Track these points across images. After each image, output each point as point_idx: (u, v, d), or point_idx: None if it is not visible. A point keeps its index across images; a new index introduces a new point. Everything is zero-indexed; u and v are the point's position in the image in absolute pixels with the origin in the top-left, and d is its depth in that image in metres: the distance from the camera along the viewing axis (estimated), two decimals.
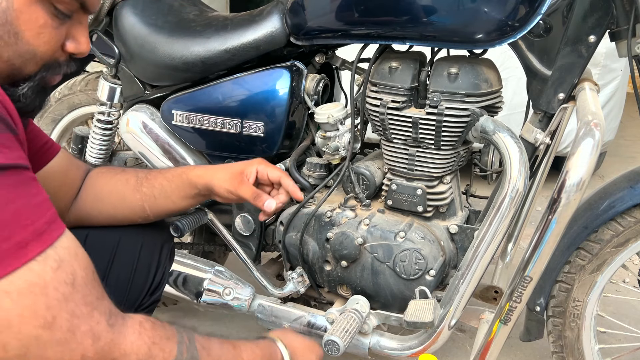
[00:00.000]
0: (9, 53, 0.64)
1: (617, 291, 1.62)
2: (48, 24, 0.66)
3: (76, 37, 0.71)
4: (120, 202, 1.00)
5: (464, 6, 0.95)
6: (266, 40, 1.16)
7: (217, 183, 1.00)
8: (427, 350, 1.08)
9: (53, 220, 0.57)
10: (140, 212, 1.01)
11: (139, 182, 1.01)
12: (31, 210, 0.55)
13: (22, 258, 0.53)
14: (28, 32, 0.64)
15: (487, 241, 0.97)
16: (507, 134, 0.97)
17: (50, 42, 0.67)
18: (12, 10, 0.62)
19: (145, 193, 1.01)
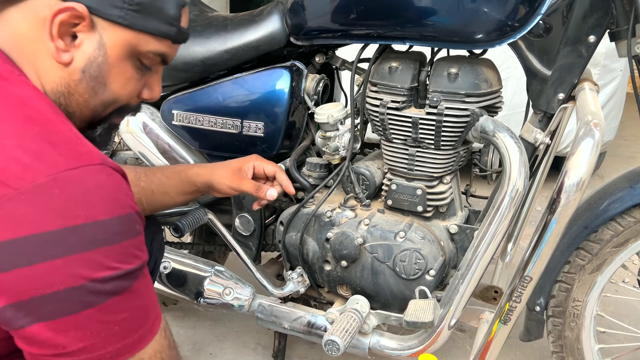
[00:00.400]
0: (96, 102, 0.71)
1: (616, 291, 1.62)
2: (133, 77, 0.73)
3: (152, 86, 0.78)
4: None
5: (464, 6, 0.95)
6: (266, 40, 1.16)
7: (218, 180, 1.06)
8: (427, 350, 1.08)
9: (159, 313, 0.69)
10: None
11: (137, 176, 1.05)
12: (154, 295, 0.68)
13: (154, 333, 0.66)
14: (115, 84, 0.71)
15: (487, 241, 0.97)
16: (507, 134, 0.97)
17: (132, 92, 0.74)
18: (106, 64, 0.69)
19: (143, 187, 1.04)
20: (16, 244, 0.55)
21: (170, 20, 0.72)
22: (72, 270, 0.57)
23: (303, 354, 1.51)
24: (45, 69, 0.66)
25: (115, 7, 0.66)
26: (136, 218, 0.63)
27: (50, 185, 0.56)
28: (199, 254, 1.49)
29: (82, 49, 0.67)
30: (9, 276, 0.55)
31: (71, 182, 0.57)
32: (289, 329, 1.21)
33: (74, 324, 0.58)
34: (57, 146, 0.59)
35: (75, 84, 0.68)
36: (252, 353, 1.52)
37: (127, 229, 0.61)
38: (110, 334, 0.60)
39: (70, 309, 0.57)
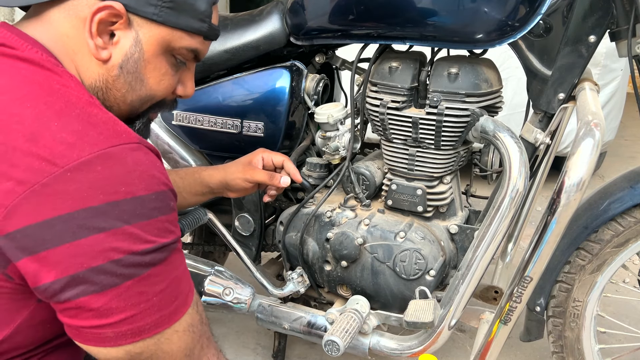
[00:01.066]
0: (133, 97, 0.74)
1: (617, 291, 1.62)
2: (168, 72, 0.76)
3: (185, 82, 0.82)
4: None
5: (464, 6, 0.95)
6: (266, 40, 1.16)
7: (232, 177, 1.08)
8: (427, 350, 1.08)
9: (191, 287, 0.71)
10: None
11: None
12: (186, 270, 0.70)
13: (187, 306, 0.69)
14: (152, 80, 0.74)
15: (487, 241, 0.97)
16: (507, 134, 0.97)
17: (167, 88, 0.77)
18: (142, 60, 0.72)
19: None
20: (63, 220, 0.57)
21: (202, 16, 0.75)
22: (114, 243, 0.59)
23: (303, 354, 1.51)
24: (84, 66, 0.70)
25: (150, 5, 0.69)
26: (170, 195, 0.66)
27: (94, 162, 0.59)
28: (199, 254, 1.49)
29: (119, 46, 0.70)
30: (57, 251, 0.58)
31: (112, 159, 0.60)
32: (289, 329, 1.21)
33: (116, 295, 0.61)
34: (97, 126, 0.61)
35: (113, 80, 0.71)
36: (252, 353, 1.52)
37: (162, 205, 0.64)
38: (149, 306, 0.63)
39: (112, 281, 0.60)
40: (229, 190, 1.11)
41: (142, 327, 0.64)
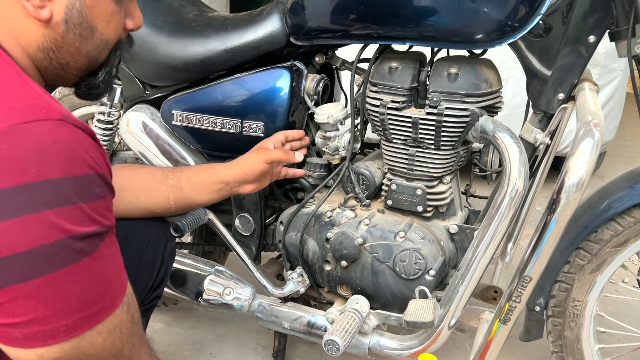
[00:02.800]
0: (88, 47, 0.70)
1: (616, 291, 1.62)
2: (114, 10, 0.72)
3: (132, 14, 0.78)
4: (145, 192, 1.03)
5: (464, 6, 0.95)
6: (266, 40, 1.16)
7: (248, 162, 1.09)
8: (427, 350, 1.08)
9: (125, 275, 0.67)
10: (163, 204, 1.05)
11: (164, 174, 1.06)
12: (120, 267, 0.65)
13: (115, 307, 0.63)
14: (101, 24, 0.70)
15: (486, 241, 0.97)
16: (506, 134, 0.97)
17: (117, 27, 0.74)
18: (85, 7, 0.68)
19: (171, 185, 1.05)
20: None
21: None
22: (22, 233, 0.53)
23: (303, 354, 1.51)
24: (24, 32, 0.65)
25: None
26: (97, 180, 0.59)
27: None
28: (199, 254, 1.49)
29: (57, 1, 0.66)
30: None
31: (22, 136, 0.53)
32: (289, 329, 1.21)
33: (25, 292, 0.54)
34: (9, 101, 0.56)
35: (62, 37, 0.67)
36: (252, 353, 1.52)
37: (84, 191, 0.57)
38: (66, 306, 0.56)
39: (20, 276, 0.53)
40: (246, 182, 1.09)
41: (57, 330, 0.57)
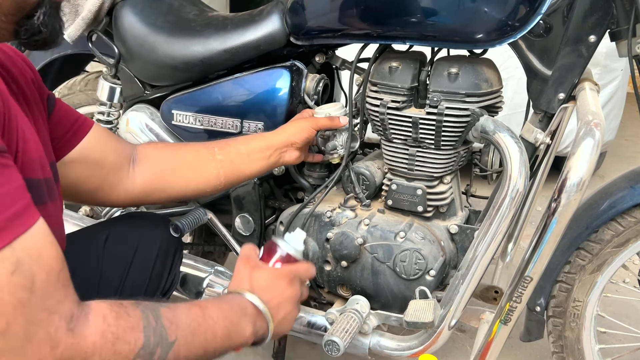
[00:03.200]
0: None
1: (617, 291, 1.62)
2: None
3: None
4: (193, 173, 1.03)
5: (464, 6, 0.95)
6: (266, 40, 1.16)
7: (297, 129, 1.09)
8: (427, 350, 1.08)
9: (19, 213, 0.52)
10: (214, 181, 1.04)
11: (210, 151, 1.05)
12: (15, 187, 0.52)
13: (24, 226, 0.51)
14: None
15: (487, 241, 0.97)
16: (507, 134, 0.97)
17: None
18: None
19: (221, 160, 1.04)
20: None
21: None
22: None
23: (303, 354, 1.51)
24: None
25: None
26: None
27: None
28: (199, 254, 1.49)
29: None
30: None
31: None
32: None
33: None
34: None
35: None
36: (252, 353, 1.52)
37: None
38: None
39: None
40: (293, 148, 1.09)
41: None
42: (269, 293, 0.83)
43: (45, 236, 0.55)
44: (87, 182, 0.94)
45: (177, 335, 0.66)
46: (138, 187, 1.00)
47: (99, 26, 1.29)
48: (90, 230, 1.07)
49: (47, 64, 1.47)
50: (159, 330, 0.63)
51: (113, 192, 0.97)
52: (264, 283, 0.84)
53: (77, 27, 1.25)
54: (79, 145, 0.90)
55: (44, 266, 0.54)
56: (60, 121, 0.87)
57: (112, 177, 0.96)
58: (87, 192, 0.95)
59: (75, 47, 1.37)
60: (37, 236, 0.54)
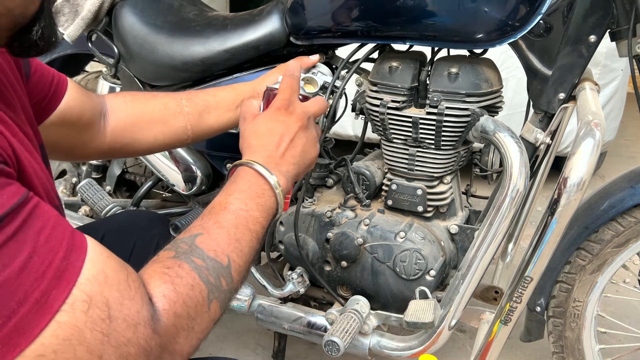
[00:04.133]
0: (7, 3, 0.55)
1: (617, 291, 1.62)
2: None
3: None
4: (160, 127, 1.01)
5: (465, 6, 0.95)
6: (266, 40, 1.16)
7: (270, 78, 1.04)
8: (427, 350, 1.08)
9: (70, 247, 0.50)
10: (182, 135, 1.02)
11: (178, 103, 1.02)
12: (43, 253, 0.48)
13: (47, 314, 0.46)
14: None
15: (487, 241, 0.97)
16: (507, 134, 0.97)
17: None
18: None
19: (188, 113, 1.02)
20: None
21: None
22: None
23: (303, 355, 1.51)
24: None
25: None
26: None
27: None
28: None
29: None
30: None
31: None
32: (289, 329, 1.21)
33: None
34: None
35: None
36: (252, 353, 1.52)
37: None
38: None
39: None
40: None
41: None
42: (272, 137, 0.77)
43: (101, 253, 0.53)
44: (63, 142, 0.92)
45: (227, 255, 0.64)
46: (107, 143, 0.98)
47: (99, 26, 1.29)
48: (87, 229, 1.06)
49: (47, 63, 1.46)
50: (211, 265, 0.61)
51: (85, 148, 0.96)
52: (265, 128, 0.78)
53: (76, 27, 1.25)
54: (58, 107, 0.88)
55: (114, 284, 0.52)
56: (38, 83, 0.83)
57: (86, 134, 0.95)
58: (62, 150, 0.94)
59: (75, 47, 1.37)
60: (95, 258, 0.52)
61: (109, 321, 0.50)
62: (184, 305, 0.57)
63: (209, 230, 0.65)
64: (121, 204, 1.41)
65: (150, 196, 1.60)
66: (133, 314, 0.52)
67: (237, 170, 0.74)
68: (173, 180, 1.36)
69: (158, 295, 0.56)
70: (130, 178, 1.62)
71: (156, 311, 0.55)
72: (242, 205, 0.69)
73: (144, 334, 0.52)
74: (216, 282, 0.61)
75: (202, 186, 1.33)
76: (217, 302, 0.61)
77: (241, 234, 0.67)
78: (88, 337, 0.48)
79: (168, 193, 1.63)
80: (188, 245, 0.62)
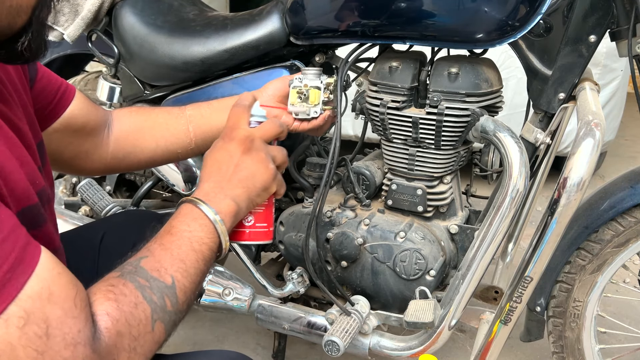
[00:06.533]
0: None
1: (617, 291, 1.62)
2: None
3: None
4: (162, 131, 1.00)
5: (465, 6, 0.95)
6: (266, 40, 1.16)
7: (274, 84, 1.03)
8: (427, 350, 1.08)
9: (19, 260, 0.49)
10: (184, 138, 1.01)
11: (181, 109, 1.02)
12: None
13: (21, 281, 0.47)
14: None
15: (487, 241, 0.97)
16: (507, 133, 0.97)
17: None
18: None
19: (190, 115, 1.01)
20: None
21: None
22: None
23: (303, 355, 1.51)
24: None
25: None
26: None
27: None
28: None
29: None
30: None
31: None
32: (289, 329, 1.21)
33: None
34: None
35: None
36: (252, 353, 1.52)
37: None
38: None
39: None
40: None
41: None
42: (217, 164, 0.78)
43: (52, 269, 0.52)
44: (66, 150, 0.92)
45: (170, 274, 0.64)
46: (110, 153, 0.98)
47: (99, 26, 1.29)
48: (87, 228, 1.06)
49: (47, 63, 1.47)
50: (155, 285, 0.61)
51: (88, 159, 0.96)
52: (212, 157, 0.79)
53: (76, 27, 1.25)
54: (62, 115, 0.88)
55: (58, 302, 0.51)
56: (44, 89, 0.84)
57: (89, 144, 0.95)
58: (65, 160, 0.94)
59: (75, 47, 1.37)
60: (43, 274, 0.51)
61: (46, 339, 0.49)
62: (126, 324, 0.57)
63: (153, 252, 0.66)
64: (121, 204, 1.41)
65: (150, 196, 1.60)
66: (74, 332, 0.51)
67: (180, 206, 0.75)
68: (173, 180, 1.36)
69: (101, 313, 0.56)
70: (130, 178, 1.62)
71: (98, 330, 0.54)
72: (185, 227, 0.70)
73: (82, 354, 0.51)
74: (160, 301, 0.61)
75: None
76: (162, 324, 0.61)
77: (185, 255, 0.67)
78: (20, 354, 0.47)
79: (168, 193, 1.63)
80: (133, 267, 0.63)
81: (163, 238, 0.68)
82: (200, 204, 0.72)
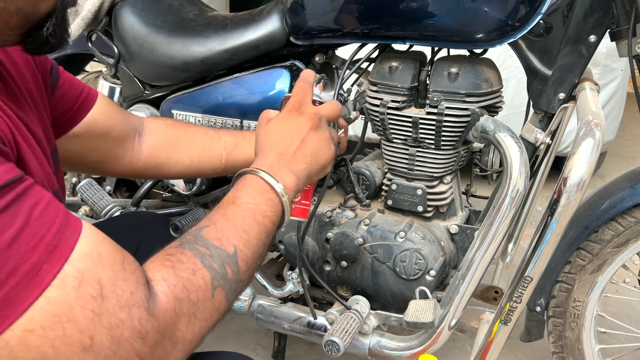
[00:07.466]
0: (17, 3, 0.55)
1: (617, 291, 1.62)
2: None
3: None
4: (199, 153, 1.02)
5: (465, 6, 0.95)
6: (266, 40, 1.16)
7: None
8: (427, 350, 1.08)
9: (64, 224, 0.50)
10: (216, 162, 1.04)
11: (218, 134, 1.05)
12: (35, 227, 0.47)
13: (37, 288, 0.46)
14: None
15: (487, 241, 0.97)
16: (507, 133, 0.97)
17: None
18: None
19: (226, 142, 1.04)
20: None
21: None
22: None
23: (303, 355, 1.51)
24: None
25: None
26: None
27: None
28: None
29: None
30: None
31: None
32: (289, 329, 1.21)
33: None
34: None
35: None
36: (252, 353, 1.52)
37: None
38: None
39: None
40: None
41: None
42: (283, 137, 0.77)
43: (97, 233, 0.53)
44: (91, 154, 0.93)
45: (233, 244, 0.63)
46: (142, 160, 1.00)
47: (99, 26, 1.29)
48: None
49: None
50: (215, 253, 0.61)
51: (117, 163, 0.97)
52: (276, 129, 0.78)
53: (77, 27, 1.25)
54: (83, 120, 0.89)
55: (107, 262, 0.51)
56: (65, 95, 0.85)
57: (117, 149, 0.96)
58: (90, 163, 0.95)
59: (75, 46, 1.37)
60: (90, 237, 0.51)
61: (101, 300, 0.49)
62: (184, 289, 0.56)
63: (215, 222, 0.65)
64: (121, 204, 1.41)
65: (150, 196, 1.60)
66: (127, 294, 0.51)
67: (243, 176, 0.73)
68: (173, 180, 1.36)
69: (157, 279, 0.55)
70: (130, 178, 1.62)
71: (154, 294, 0.54)
72: (249, 199, 0.69)
73: (138, 316, 0.51)
74: (221, 269, 0.60)
75: (202, 186, 1.33)
76: (222, 291, 0.60)
77: (248, 226, 0.66)
78: (78, 315, 0.47)
79: (168, 193, 1.63)
80: (193, 236, 0.62)
81: (227, 208, 0.67)
82: (268, 178, 0.71)
